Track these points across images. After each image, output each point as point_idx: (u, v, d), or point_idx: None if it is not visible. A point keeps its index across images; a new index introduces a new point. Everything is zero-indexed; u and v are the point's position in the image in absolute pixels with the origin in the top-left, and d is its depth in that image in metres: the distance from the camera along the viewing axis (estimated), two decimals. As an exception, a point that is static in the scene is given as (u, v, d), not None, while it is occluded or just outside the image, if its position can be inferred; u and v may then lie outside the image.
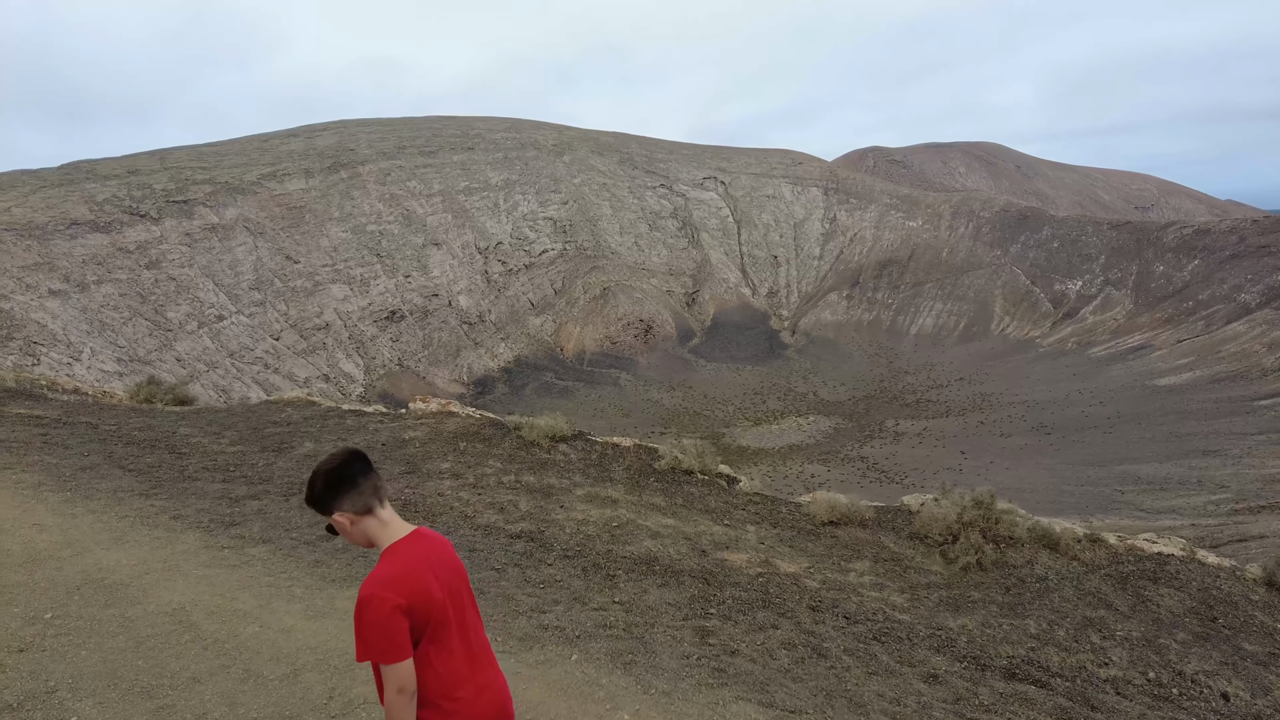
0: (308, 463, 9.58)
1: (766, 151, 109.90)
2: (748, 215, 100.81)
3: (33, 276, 55.35)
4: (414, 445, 10.38)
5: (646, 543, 8.08)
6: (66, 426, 10.48)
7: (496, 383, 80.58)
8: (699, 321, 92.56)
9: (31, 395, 13.18)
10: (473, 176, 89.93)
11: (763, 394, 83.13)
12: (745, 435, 74.47)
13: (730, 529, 8.89)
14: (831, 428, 77.48)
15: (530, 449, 10.57)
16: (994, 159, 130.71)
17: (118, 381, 54.61)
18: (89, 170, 66.99)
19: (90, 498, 7.61)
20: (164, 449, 9.63)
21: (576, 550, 7.60)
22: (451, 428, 11.06)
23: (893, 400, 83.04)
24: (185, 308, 62.58)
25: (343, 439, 10.50)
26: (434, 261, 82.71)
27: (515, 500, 8.88)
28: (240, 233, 69.73)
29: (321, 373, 68.27)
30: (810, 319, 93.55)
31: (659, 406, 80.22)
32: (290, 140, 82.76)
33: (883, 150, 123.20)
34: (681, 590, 6.91)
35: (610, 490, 9.54)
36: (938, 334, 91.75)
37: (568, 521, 8.44)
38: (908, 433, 74.75)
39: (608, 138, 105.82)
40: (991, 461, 64.06)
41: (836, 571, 8.18)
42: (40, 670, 4.89)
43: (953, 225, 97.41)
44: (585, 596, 6.52)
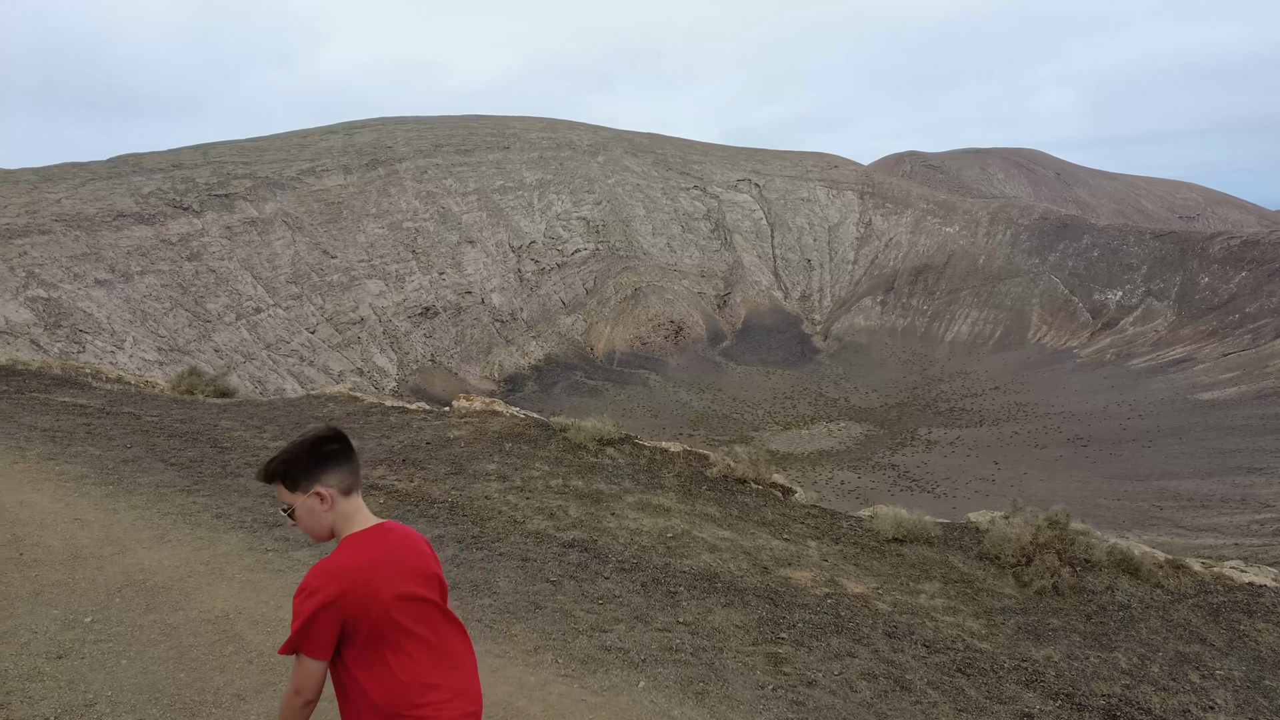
0: (351, 461, 9.27)
1: (801, 154, 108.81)
2: (781, 218, 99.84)
3: (80, 266, 56.32)
4: (459, 445, 10.03)
5: (704, 556, 7.63)
6: (110, 416, 10.27)
7: (527, 381, 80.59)
8: (730, 324, 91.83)
9: (76, 384, 13.06)
10: (508, 175, 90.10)
11: (793, 398, 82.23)
12: (774, 439, 73.65)
13: (790, 544, 8.40)
14: (863, 434, 76.42)
15: (577, 452, 10.16)
16: (1033, 165, 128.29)
17: (158, 371, 55.36)
18: (135, 164, 68.06)
19: (132, 492, 7.34)
20: (206, 443, 9.37)
21: (633, 563, 7.17)
22: (496, 427, 10.70)
23: (925, 408, 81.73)
24: (224, 299, 63.31)
25: (386, 436, 10.18)
26: (468, 259, 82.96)
27: (565, 506, 8.47)
28: (279, 227, 70.43)
29: (355, 366, 68.68)
30: (843, 324, 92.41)
31: (688, 408, 79.68)
32: (329, 137, 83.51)
33: (919, 155, 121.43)
34: (748, 611, 6.45)
35: (661, 498, 9.11)
36: (973, 342, 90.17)
37: (620, 531, 8.01)
38: (940, 441, 73.50)
39: (642, 139, 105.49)
40: (1025, 473, 62.73)
41: (906, 593, 7.66)
42: (79, 680, 4.57)
43: (990, 232, 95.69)
44: (647, 615, 6.09)
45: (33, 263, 53.73)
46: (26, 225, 55.77)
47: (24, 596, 5.36)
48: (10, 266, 52.50)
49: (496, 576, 6.41)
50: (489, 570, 6.52)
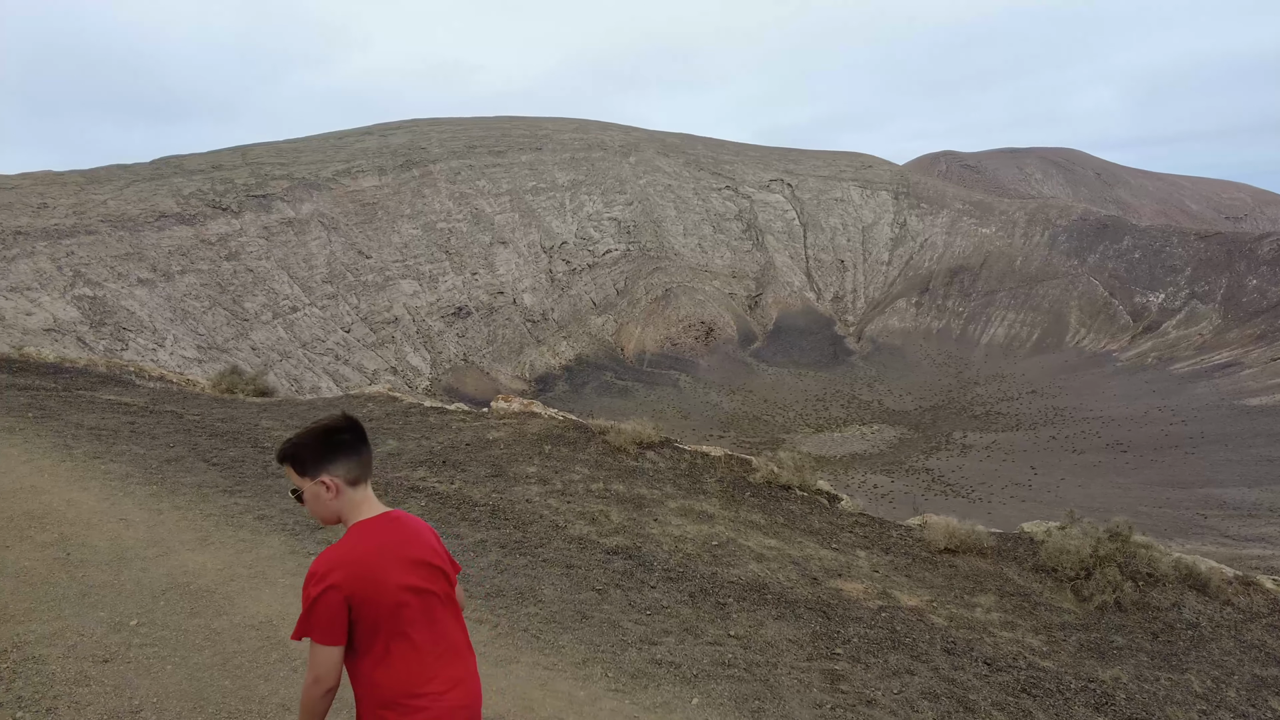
0: (391, 461, 9.19)
1: (835, 154, 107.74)
2: (814, 218, 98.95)
3: (124, 266, 57.52)
4: (498, 447, 9.91)
5: (751, 566, 7.40)
6: (153, 415, 10.31)
7: (557, 380, 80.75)
8: (761, 325, 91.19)
9: (121, 381, 13.18)
10: (540, 176, 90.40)
11: (825, 400, 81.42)
12: (806, 442, 72.97)
13: (839, 554, 8.14)
14: (896, 438, 75.45)
15: (617, 455, 9.99)
16: (1072, 165, 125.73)
17: (197, 369, 56.33)
18: (177, 165, 69.37)
19: (176, 492, 7.30)
20: (247, 443, 9.35)
21: (679, 572, 6.97)
22: (535, 429, 10.56)
23: (961, 411, 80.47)
24: (261, 298, 64.25)
25: (426, 437, 10.09)
26: (500, 260, 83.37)
27: (606, 511, 8.30)
28: (315, 227, 71.33)
29: (389, 365, 69.32)
30: (877, 325, 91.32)
31: (718, 409, 79.27)
32: (365, 138, 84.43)
33: (956, 155, 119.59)
34: (800, 625, 6.22)
35: (704, 504, 8.90)
36: (1009, 344, 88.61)
37: (664, 537, 7.82)
38: (975, 445, 72.32)
39: (674, 139, 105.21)
40: (1063, 478, 61.50)
41: (961, 606, 7.37)
42: (124, 685, 4.48)
43: (1027, 233, 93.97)
44: (697, 627, 5.88)
45: (79, 262, 54.97)
46: (74, 226, 57.09)
47: (71, 597, 5.31)
48: (59, 266, 53.76)
49: (541, 584, 6.25)
50: (533, 578, 6.37)
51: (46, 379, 12.35)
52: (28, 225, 54.67)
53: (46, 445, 8.37)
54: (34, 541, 6.04)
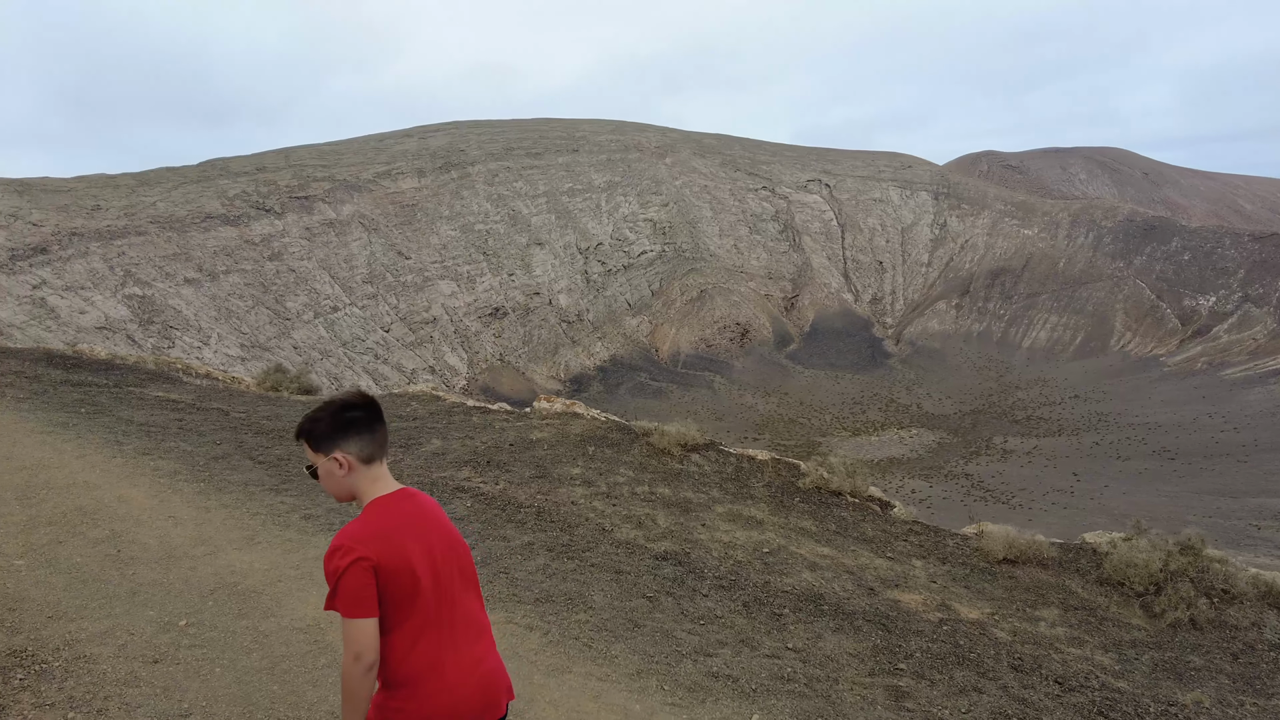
0: (436, 461, 9.09)
1: (874, 154, 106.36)
2: (852, 219, 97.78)
3: (171, 266, 58.82)
4: (542, 447, 9.77)
5: (805, 575, 7.15)
6: (200, 412, 10.36)
7: (592, 381, 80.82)
8: (797, 327, 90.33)
9: (169, 378, 13.32)
10: (576, 178, 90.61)
11: (862, 403, 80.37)
12: (843, 445, 72.10)
13: (894, 563, 7.85)
14: (935, 442, 74.23)
15: (661, 457, 9.79)
16: (1119, 165, 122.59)
17: (240, 367, 57.38)
18: (223, 167, 70.78)
19: (223, 490, 7.27)
20: (292, 440, 9.32)
21: (730, 579, 6.74)
22: (578, 430, 10.41)
23: (1001, 416, 78.91)
24: (303, 298, 65.27)
25: (470, 437, 9.99)
26: (536, 261, 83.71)
27: (652, 514, 8.10)
28: (356, 228, 72.27)
29: (427, 364, 69.96)
30: (916, 328, 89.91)
31: (753, 411, 78.68)
32: (405, 140, 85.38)
33: (997, 155, 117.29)
34: (860, 638, 5.95)
35: (752, 509, 8.65)
36: (1052, 348, 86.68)
37: (713, 543, 7.59)
38: (1016, 451, 70.89)
39: (710, 140, 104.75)
40: (1106, 485, 60.03)
41: (1024, 620, 7.04)
42: (174, 687, 4.39)
43: (1071, 234, 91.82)
44: (753, 639, 5.66)
45: (130, 262, 56.33)
46: (125, 227, 58.53)
47: (121, 596, 5.26)
48: (110, 266, 55.15)
49: (591, 590, 6.08)
50: (582, 583, 6.19)
51: (99, 375, 12.52)
52: (82, 227, 56.17)
53: (98, 441, 8.41)
54: (86, 538, 6.02)
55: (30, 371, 12.18)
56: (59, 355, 13.87)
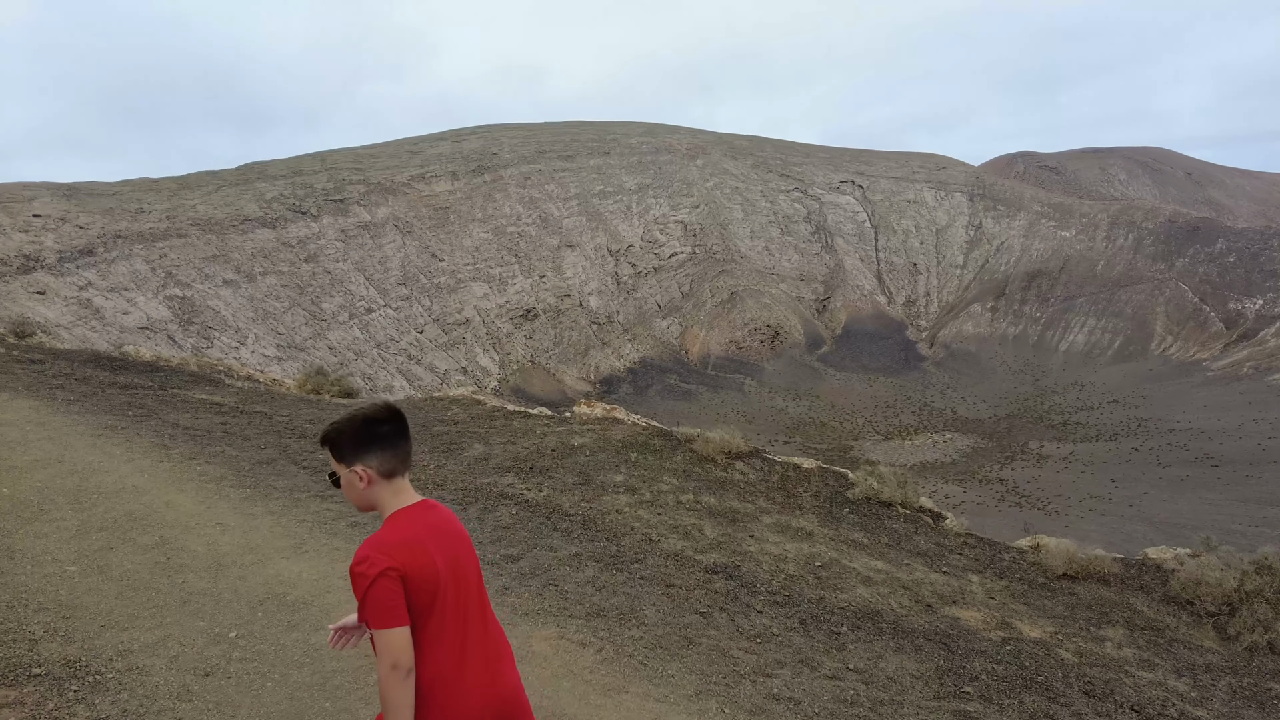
0: (479, 466, 8.99)
1: (908, 155, 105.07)
2: (886, 220, 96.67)
3: (211, 267, 59.84)
4: (584, 453, 9.63)
5: (860, 590, 6.91)
6: (243, 415, 10.38)
7: (622, 383, 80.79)
8: (829, 329, 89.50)
9: (211, 380, 13.41)
10: (608, 180, 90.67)
11: (895, 407, 79.38)
12: (875, 449, 71.31)
13: (950, 578, 7.58)
14: (969, 446, 73.11)
15: (705, 465, 9.60)
16: (1160, 165, 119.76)
17: (277, 367, 58.17)
18: (260, 171, 71.88)
19: (269, 496, 7.22)
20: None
21: (784, 594, 6.53)
22: (619, 436, 10.25)
23: (1037, 420, 77.49)
24: (338, 299, 66.04)
25: (512, 442, 9.88)
26: (567, 263, 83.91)
27: (699, 525, 7.91)
28: (390, 230, 72.98)
29: (460, 365, 70.41)
30: (950, 330, 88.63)
31: (784, 414, 78.07)
32: (438, 144, 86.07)
33: (1033, 155, 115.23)
34: (922, 658, 5.72)
35: (801, 520, 8.43)
36: (1089, 352, 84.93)
37: (763, 556, 7.39)
38: (1052, 456, 69.57)
39: (742, 141, 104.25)
40: (1146, 492, 58.63)
41: (1089, 640, 6.73)
42: (226, 702, 4.30)
43: (1110, 236, 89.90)
44: (812, 658, 5.45)
45: (171, 264, 57.39)
46: (166, 229, 59.66)
47: (172, 605, 5.20)
48: (152, 268, 56.24)
49: (642, 604, 5.91)
50: (633, 596, 6.03)
51: (144, 377, 12.63)
52: (126, 229, 57.35)
53: (145, 445, 8.43)
54: (136, 544, 5.98)
55: (79, 373, 12.32)
56: (106, 357, 14.04)
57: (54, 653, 4.55)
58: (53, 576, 5.39)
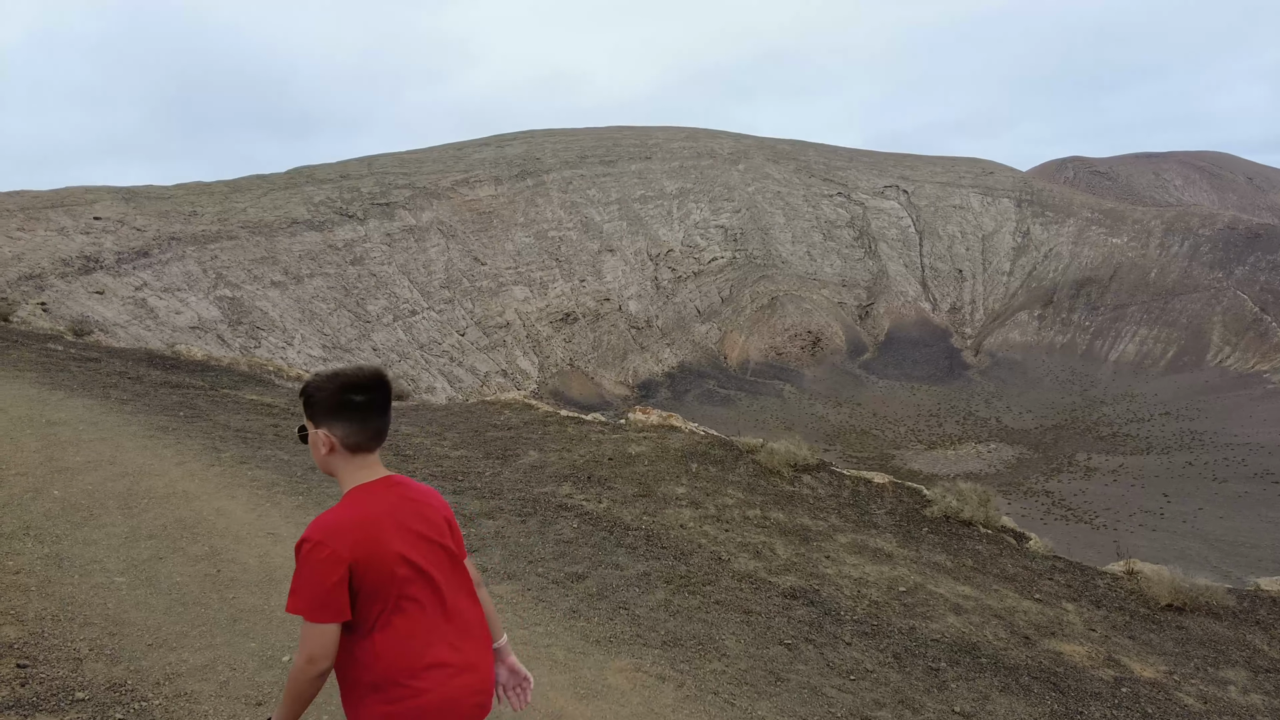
0: (535, 475, 8.58)
1: (954, 160, 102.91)
2: (931, 226, 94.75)
3: (259, 269, 60.80)
4: (642, 462, 9.16)
5: (951, 619, 6.33)
6: (294, 418, 10.11)
7: (660, 387, 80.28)
8: (872, 336, 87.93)
9: (261, 381, 13.24)
10: (648, 185, 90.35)
11: (939, 416, 77.62)
12: (917, 459, 69.80)
13: (1045, 606, 6.95)
14: (1014, 457, 71.20)
15: (769, 478, 9.07)
16: (1219, 170, 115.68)
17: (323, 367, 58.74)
18: (309, 175, 72.93)
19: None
20: (388, 449, 8.94)
21: (871, 624, 5.99)
22: (677, 444, 9.76)
23: (1085, 432, 75.19)
24: (383, 301, 66.63)
25: (567, 449, 9.45)
26: (607, 267, 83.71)
27: (770, 543, 7.39)
28: (434, 234, 73.51)
29: (500, 368, 70.55)
30: (996, 338, 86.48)
31: (824, 422, 76.81)
32: (482, 149, 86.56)
33: (1084, 160, 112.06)
34: (1032, 701, 5.13)
35: (878, 540, 7.85)
36: (1140, 362, 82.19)
37: (842, 579, 6.84)
38: (1101, 469, 67.42)
39: (784, 145, 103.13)
40: (1200, 508, 56.46)
41: (1209, 683, 6.07)
42: (278, 735, 3.90)
43: (1164, 243, 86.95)
44: (912, 699, 4.90)
45: (222, 266, 58.42)
46: (218, 232, 60.79)
47: (222, 622, 4.84)
48: (204, 269, 57.30)
49: (720, 633, 5.41)
50: (709, 624, 5.53)
51: (195, 376, 12.48)
52: (180, 231, 58.54)
53: (197, 447, 8.17)
54: (186, 554, 5.66)
55: (133, 372, 12.22)
56: (159, 355, 13.97)
57: (99, 674, 4.21)
58: (100, 588, 5.08)
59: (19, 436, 7.72)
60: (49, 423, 8.25)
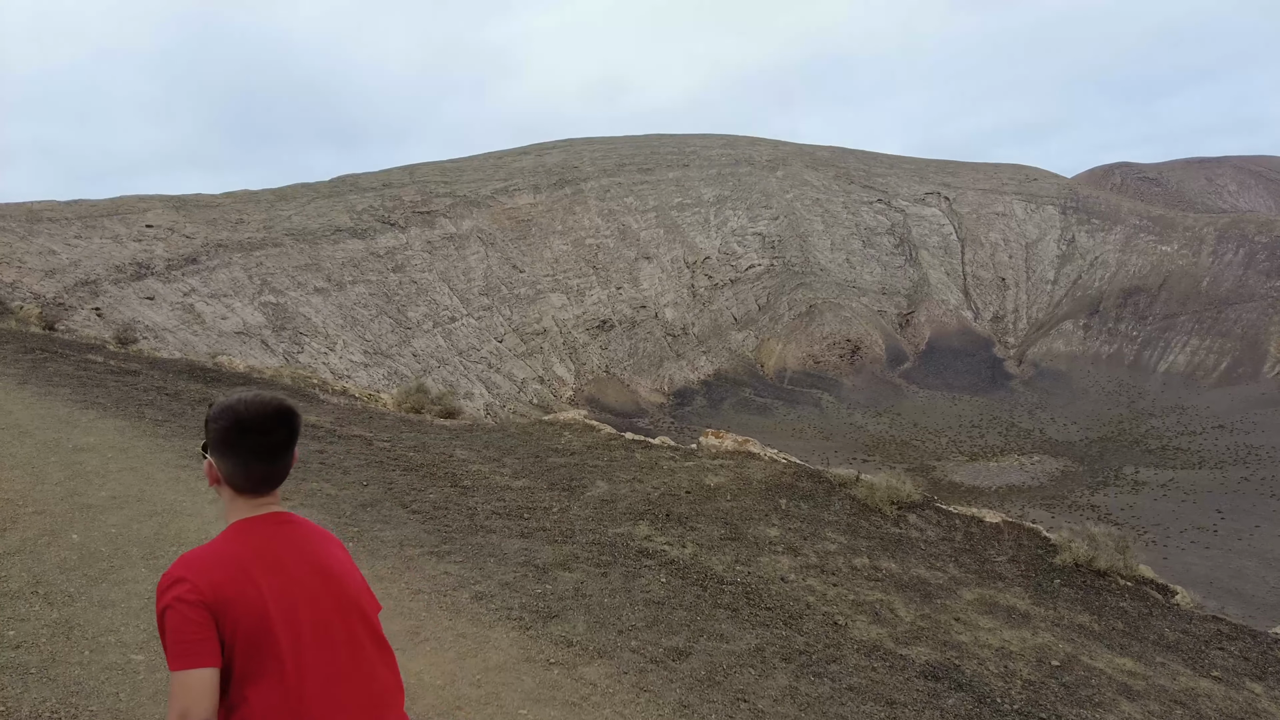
0: (606, 509, 7.54)
1: (997, 166, 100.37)
2: (973, 233, 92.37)
3: (304, 275, 60.90)
4: (723, 497, 8.09)
5: (1124, 707, 5.15)
6: (341, 441, 9.20)
7: (695, 395, 79.14)
8: (912, 344, 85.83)
9: (305, 395, 12.41)
10: (686, 192, 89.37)
11: (981, 427, 75.37)
12: (958, 471, 67.79)
13: (1227, 687, 5.72)
14: (1059, 470, 68.85)
15: (870, 517, 7.93)
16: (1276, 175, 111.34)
17: (363, 373, 58.67)
18: (352, 184, 73.16)
19: (375, 554, 5.90)
20: (445, 479, 7.97)
21: (1033, 714, 4.84)
22: (759, 476, 8.67)
23: (1133, 445, 72.46)
24: (423, 308, 66.44)
25: (639, 480, 8.41)
26: (644, 274, 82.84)
27: (888, 601, 6.26)
28: (474, 242, 73.26)
29: (537, 375, 69.97)
30: (1040, 348, 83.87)
31: (863, 432, 75.02)
32: (522, 158, 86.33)
33: (1132, 166, 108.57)
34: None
35: (1008, 595, 6.68)
36: (1191, 373, 79.09)
37: (982, 650, 5.69)
38: (1150, 483, 64.83)
39: (824, 152, 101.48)
40: (1257, 526, 53.98)
41: None
42: None
43: (1217, 251, 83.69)
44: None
45: (267, 272, 58.60)
46: (263, 239, 61.04)
47: None
48: (249, 275, 57.51)
49: (865, 735, 4.31)
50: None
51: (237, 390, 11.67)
52: (227, 239, 58.87)
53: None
54: (217, 621, 4.70)
55: (171, 386, 11.47)
56: (200, 368, 13.23)
57: (102, 801, 3.25)
58: (114, 669, 4.14)
59: (42, 466, 6.89)
60: (76, 449, 7.42)
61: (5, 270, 44.40)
